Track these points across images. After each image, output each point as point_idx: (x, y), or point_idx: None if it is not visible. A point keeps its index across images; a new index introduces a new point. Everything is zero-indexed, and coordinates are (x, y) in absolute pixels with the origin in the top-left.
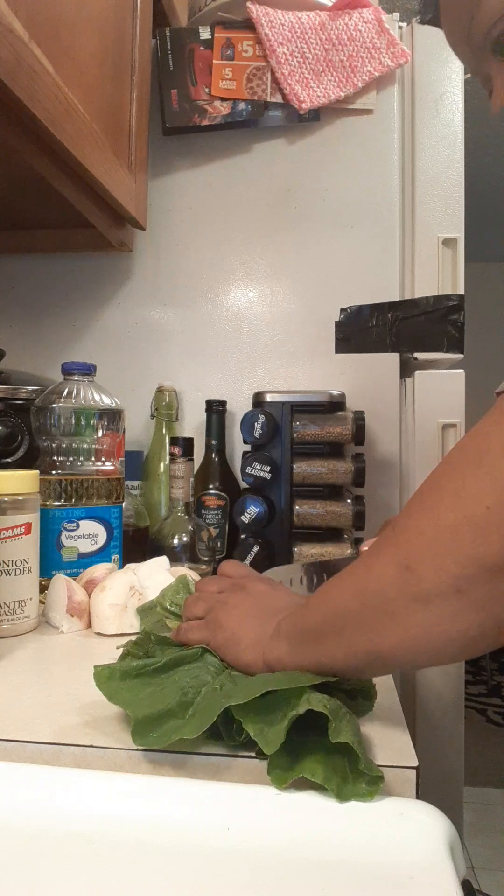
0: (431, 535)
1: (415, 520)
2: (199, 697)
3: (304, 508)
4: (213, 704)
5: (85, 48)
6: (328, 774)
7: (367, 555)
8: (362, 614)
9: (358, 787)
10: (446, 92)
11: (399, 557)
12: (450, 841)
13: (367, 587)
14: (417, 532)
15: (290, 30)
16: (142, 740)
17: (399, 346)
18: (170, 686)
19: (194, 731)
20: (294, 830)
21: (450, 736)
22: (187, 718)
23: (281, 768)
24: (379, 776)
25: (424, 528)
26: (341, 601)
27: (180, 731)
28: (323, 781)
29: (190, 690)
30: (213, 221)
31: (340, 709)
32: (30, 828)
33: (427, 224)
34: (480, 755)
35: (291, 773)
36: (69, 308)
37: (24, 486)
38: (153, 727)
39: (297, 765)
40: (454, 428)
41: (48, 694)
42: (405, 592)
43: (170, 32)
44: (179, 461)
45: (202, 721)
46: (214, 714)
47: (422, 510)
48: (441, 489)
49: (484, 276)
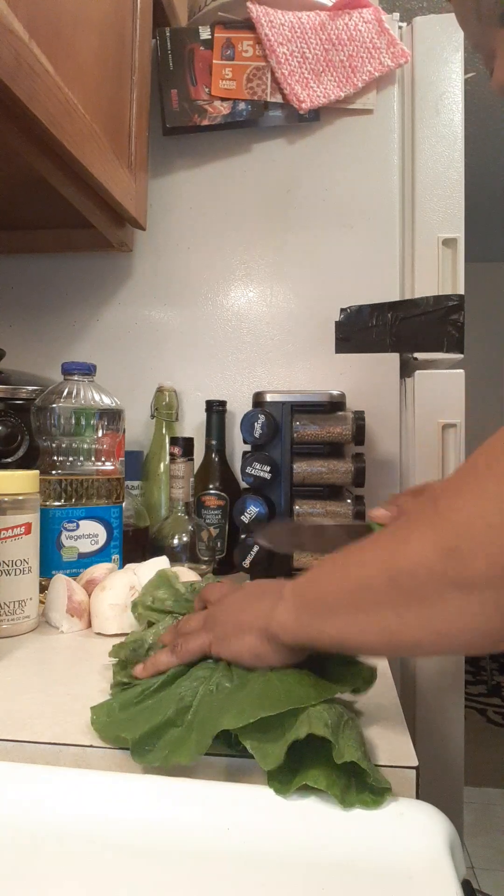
0: (488, 520)
1: (467, 501)
2: (195, 700)
3: (304, 508)
4: (209, 720)
5: (85, 48)
6: (331, 782)
7: (397, 528)
8: (388, 594)
9: (362, 796)
10: (446, 92)
11: (444, 540)
12: (450, 841)
13: (398, 565)
14: (470, 515)
15: (290, 30)
16: (141, 759)
17: (399, 346)
18: (167, 697)
19: (191, 756)
20: (294, 831)
21: (450, 736)
22: (184, 728)
23: (281, 781)
24: (387, 787)
25: (479, 511)
26: (363, 575)
27: (179, 752)
28: (326, 788)
29: (187, 695)
30: (213, 221)
31: (342, 719)
32: (30, 828)
33: (427, 224)
34: (480, 755)
35: (294, 783)
36: (69, 308)
37: (24, 486)
38: (150, 742)
39: (300, 773)
40: (454, 428)
41: (48, 694)
42: (445, 577)
43: (170, 32)
44: (179, 461)
45: (200, 742)
46: (211, 734)
47: (476, 491)
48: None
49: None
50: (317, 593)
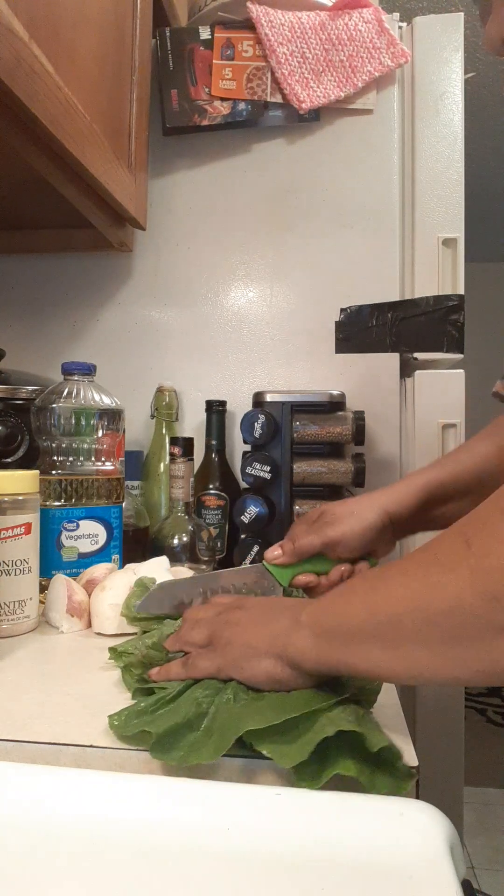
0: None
1: (501, 543)
2: (212, 707)
3: (304, 508)
4: (229, 724)
5: (85, 48)
6: (360, 770)
7: (427, 564)
8: (422, 632)
9: (389, 781)
10: (446, 92)
11: (484, 586)
12: (450, 841)
13: (434, 605)
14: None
15: (290, 30)
16: (161, 755)
17: (399, 346)
18: (185, 700)
19: (212, 756)
20: (294, 830)
21: (450, 736)
22: (203, 732)
23: (311, 776)
24: (412, 771)
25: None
26: (394, 609)
27: (199, 752)
28: (357, 776)
29: (204, 701)
30: (213, 221)
31: (358, 714)
32: (30, 828)
33: (427, 224)
34: (480, 755)
35: (324, 776)
36: (69, 308)
37: (24, 486)
38: (172, 741)
39: (329, 766)
40: (454, 428)
41: (48, 694)
42: (489, 623)
43: (170, 32)
44: (179, 461)
45: (219, 744)
46: (231, 738)
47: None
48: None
49: (484, 276)
50: (338, 622)
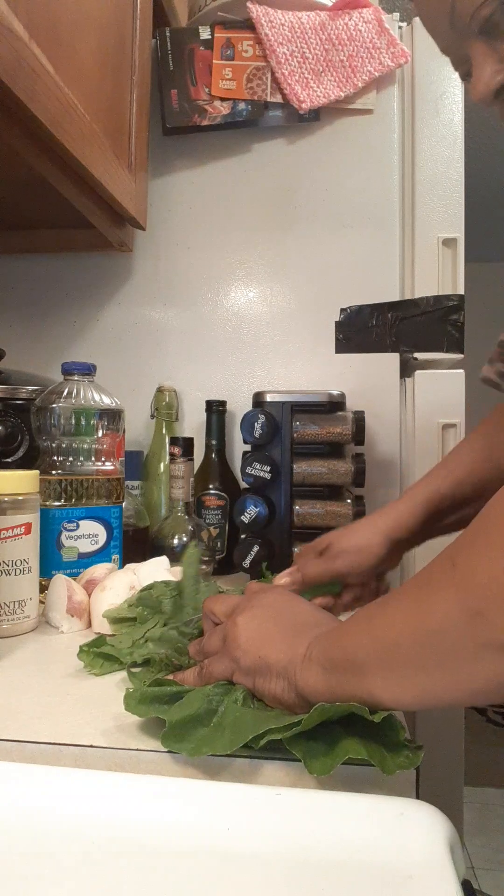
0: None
1: (485, 561)
2: (222, 706)
3: (304, 508)
4: (244, 722)
5: (85, 48)
6: (371, 751)
7: (419, 587)
8: (420, 654)
9: (399, 758)
10: (446, 92)
11: (467, 602)
12: (450, 841)
13: (426, 626)
14: (491, 577)
15: (290, 30)
16: (175, 745)
17: (399, 346)
18: (196, 695)
19: (227, 748)
20: (294, 830)
21: (450, 736)
22: (213, 728)
23: (323, 764)
24: (419, 746)
25: (497, 571)
26: (392, 635)
27: (213, 745)
28: (368, 757)
29: (214, 698)
30: (213, 221)
31: None
32: (30, 828)
33: (427, 224)
34: (480, 755)
35: (335, 759)
36: (69, 308)
37: (24, 486)
38: (184, 733)
39: (338, 751)
40: (454, 428)
41: (48, 694)
42: (475, 639)
43: (170, 32)
44: (179, 461)
45: (234, 739)
46: (247, 735)
47: (493, 550)
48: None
49: (484, 276)
50: (344, 653)
